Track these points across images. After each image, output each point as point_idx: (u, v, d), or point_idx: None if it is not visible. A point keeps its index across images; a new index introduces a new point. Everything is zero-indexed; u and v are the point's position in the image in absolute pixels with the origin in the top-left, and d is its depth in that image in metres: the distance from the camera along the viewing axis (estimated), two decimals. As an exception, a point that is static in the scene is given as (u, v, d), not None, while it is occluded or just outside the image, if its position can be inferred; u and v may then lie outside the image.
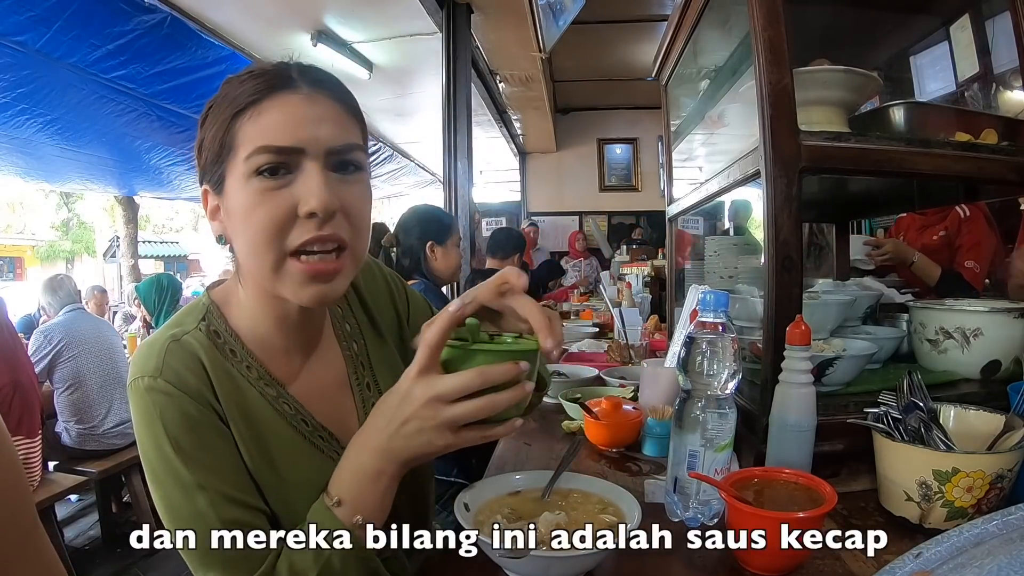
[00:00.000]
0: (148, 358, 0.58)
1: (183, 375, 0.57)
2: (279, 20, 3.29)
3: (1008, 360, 0.91)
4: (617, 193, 6.80)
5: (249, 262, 0.58)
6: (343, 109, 0.59)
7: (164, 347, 0.58)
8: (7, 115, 3.14)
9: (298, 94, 0.56)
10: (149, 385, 0.56)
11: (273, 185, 0.54)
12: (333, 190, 0.55)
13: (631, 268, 3.58)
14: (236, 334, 0.63)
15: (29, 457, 2.10)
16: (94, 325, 2.67)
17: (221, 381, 0.59)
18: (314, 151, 0.55)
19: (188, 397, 0.56)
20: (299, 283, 0.56)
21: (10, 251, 15.83)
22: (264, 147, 0.54)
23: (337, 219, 0.56)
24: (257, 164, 0.54)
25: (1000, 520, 0.42)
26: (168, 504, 0.56)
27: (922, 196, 1.43)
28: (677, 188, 1.57)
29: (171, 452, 0.54)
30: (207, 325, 0.62)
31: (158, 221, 18.13)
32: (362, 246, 0.60)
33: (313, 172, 0.54)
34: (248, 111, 0.55)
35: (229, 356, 0.61)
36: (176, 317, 0.64)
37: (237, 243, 0.58)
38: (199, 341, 0.60)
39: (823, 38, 1.21)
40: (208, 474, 0.55)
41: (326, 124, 0.56)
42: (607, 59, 5.00)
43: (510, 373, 0.51)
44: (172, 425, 0.55)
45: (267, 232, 0.54)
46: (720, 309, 0.68)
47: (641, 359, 1.66)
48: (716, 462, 0.67)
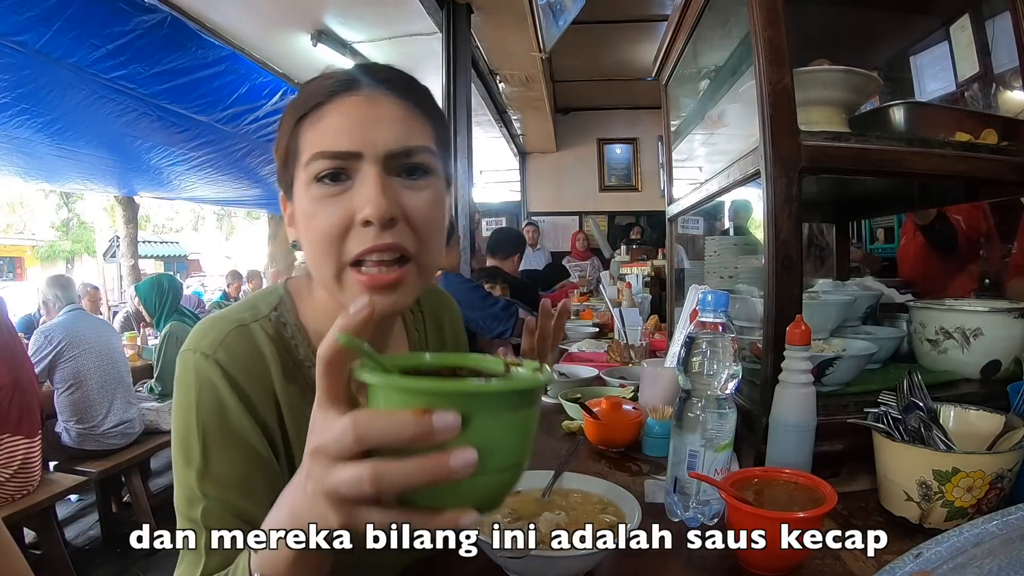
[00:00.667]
0: (208, 332, 0.57)
1: (235, 363, 0.56)
2: (279, 20, 3.29)
3: (1008, 360, 0.91)
4: (617, 193, 6.80)
5: (313, 269, 0.57)
6: (409, 109, 0.55)
7: (228, 330, 0.57)
8: (7, 115, 3.14)
9: (358, 96, 0.53)
10: (198, 362, 0.55)
11: (331, 192, 0.53)
12: (392, 196, 0.52)
13: (631, 268, 3.58)
14: (304, 329, 0.62)
15: (29, 457, 2.10)
16: (94, 325, 2.67)
17: (279, 374, 0.59)
18: (372, 154, 0.52)
19: (229, 387, 0.55)
20: (359, 294, 0.53)
21: (10, 251, 15.84)
22: (319, 152, 0.52)
23: (399, 227, 0.53)
24: (315, 171, 0.53)
25: (1000, 520, 0.42)
26: (176, 476, 0.57)
27: (922, 196, 1.43)
28: (677, 188, 1.57)
29: (195, 432, 0.55)
30: (278, 316, 0.61)
31: (158, 221, 18.13)
32: (430, 256, 0.56)
33: (370, 177, 0.52)
34: (310, 116, 0.54)
35: (293, 351, 0.61)
36: (251, 299, 0.63)
37: (304, 250, 0.57)
38: (266, 331, 0.59)
39: (823, 38, 1.21)
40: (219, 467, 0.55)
41: (385, 125, 0.53)
42: (607, 59, 5.00)
43: (401, 429, 0.30)
44: (204, 408, 0.55)
45: (325, 241, 0.53)
46: (720, 309, 0.68)
47: (641, 359, 1.66)
48: (716, 462, 0.67)
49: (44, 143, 3.64)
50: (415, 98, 0.56)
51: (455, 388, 0.32)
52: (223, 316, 0.60)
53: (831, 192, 1.34)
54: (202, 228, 19.64)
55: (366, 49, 3.67)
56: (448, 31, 3.13)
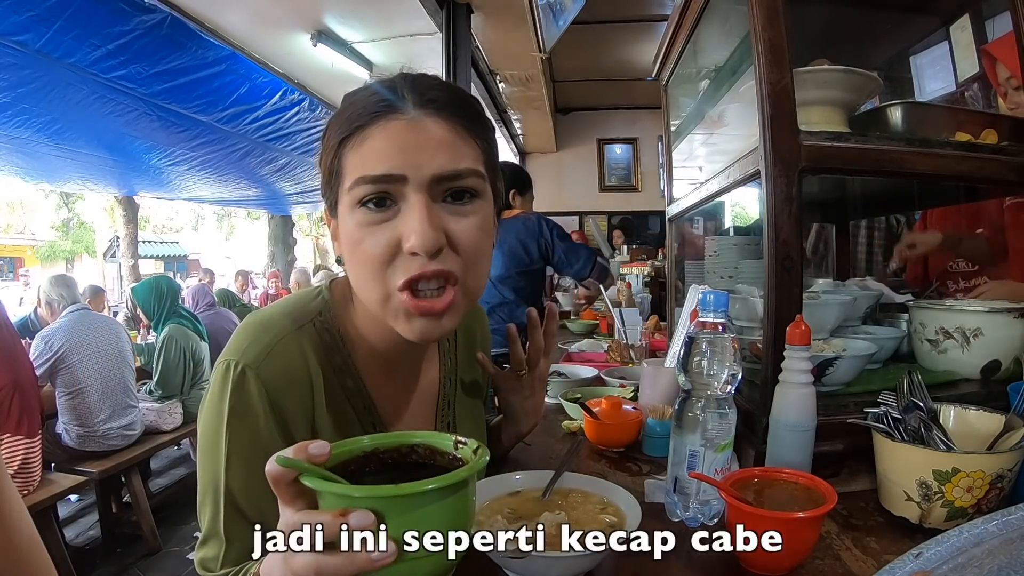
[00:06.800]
0: (255, 343, 0.56)
1: (276, 380, 0.55)
2: (279, 20, 3.29)
3: (1008, 360, 0.91)
4: (617, 193, 6.80)
5: (359, 291, 0.57)
6: (456, 130, 0.53)
7: (274, 342, 0.56)
8: (7, 115, 3.14)
9: (402, 118, 0.52)
10: (237, 378, 0.54)
11: (377, 218, 0.52)
12: (438, 225, 0.51)
13: (631, 268, 3.58)
14: (346, 339, 0.62)
15: (29, 457, 2.10)
16: (98, 326, 2.60)
17: (318, 386, 0.58)
18: (417, 179, 0.51)
19: (265, 406, 0.55)
20: (406, 318, 0.54)
21: (10, 251, 15.84)
22: (362, 178, 0.51)
23: (444, 253, 0.52)
24: (358, 196, 0.52)
25: (1000, 520, 0.42)
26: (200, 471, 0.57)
27: (922, 196, 1.43)
28: (677, 188, 1.58)
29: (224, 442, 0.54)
30: (322, 322, 0.61)
31: (158, 221, 18.14)
32: (476, 280, 0.56)
33: (416, 205, 0.51)
34: (354, 137, 0.52)
35: (333, 360, 0.60)
36: (298, 301, 0.63)
37: (349, 271, 0.57)
38: (311, 338, 0.59)
39: (823, 38, 1.21)
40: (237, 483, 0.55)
41: (430, 150, 0.51)
42: (607, 59, 5.00)
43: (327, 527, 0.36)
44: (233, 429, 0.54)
45: (372, 267, 0.53)
46: (720, 309, 0.68)
47: (641, 359, 1.66)
48: (716, 462, 0.67)
49: (44, 143, 3.65)
50: (464, 117, 0.54)
51: (369, 493, 0.37)
52: (270, 322, 0.58)
53: (831, 192, 1.34)
54: (202, 228, 19.64)
55: (366, 49, 3.67)
56: (448, 31, 3.13)
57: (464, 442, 0.45)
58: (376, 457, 0.45)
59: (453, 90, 0.56)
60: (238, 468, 0.54)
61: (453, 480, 0.38)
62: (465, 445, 0.44)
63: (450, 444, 0.45)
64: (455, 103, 0.54)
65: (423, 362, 0.69)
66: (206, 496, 0.56)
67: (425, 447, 0.46)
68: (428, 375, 0.71)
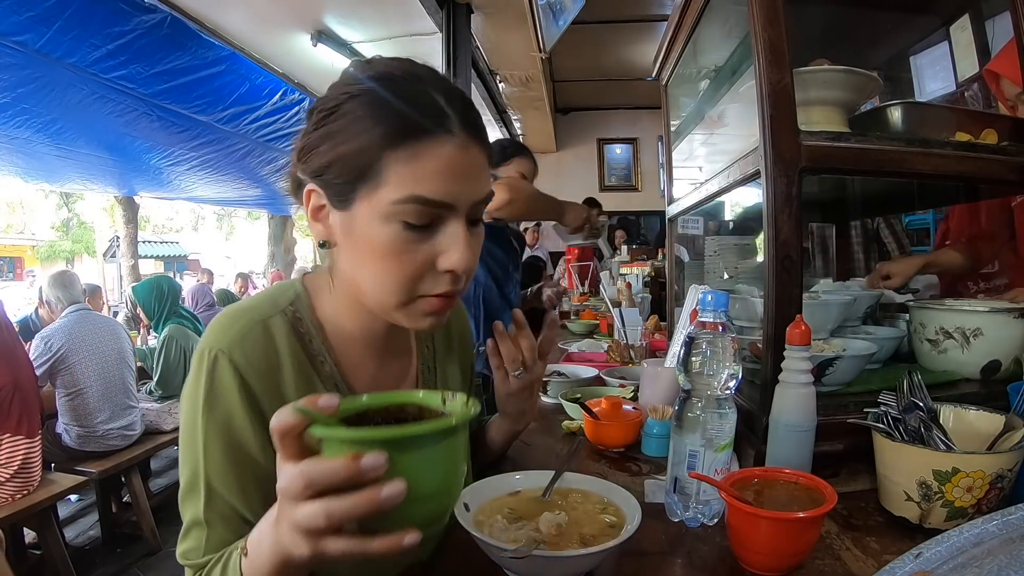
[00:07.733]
0: (227, 329, 0.58)
1: (251, 364, 0.57)
2: (279, 20, 3.29)
3: (1008, 360, 0.91)
4: (617, 193, 6.80)
5: (372, 295, 0.58)
6: (487, 157, 0.57)
7: (248, 326, 0.59)
8: (7, 115, 3.14)
9: (454, 141, 0.53)
10: (212, 364, 0.56)
11: (417, 237, 0.53)
12: (474, 249, 0.55)
13: (631, 268, 3.58)
14: (320, 326, 0.64)
15: (29, 457, 2.10)
16: (98, 327, 2.58)
17: (291, 371, 0.60)
18: (462, 206, 0.54)
19: (240, 391, 0.56)
20: (418, 317, 0.58)
21: (10, 251, 15.84)
22: (418, 197, 0.52)
23: None
24: (407, 212, 0.52)
25: (1000, 520, 0.42)
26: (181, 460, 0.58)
27: (922, 196, 1.43)
28: (677, 188, 1.57)
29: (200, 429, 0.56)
30: (294, 311, 0.63)
31: (158, 221, 18.15)
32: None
33: (458, 229, 0.54)
34: (402, 148, 0.51)
35: (307, 346, 0.62)
36: (271, 293, 0.65)
37: (358, 271, 0.57)
38: (284, 324, 0.61)
39: (823, 38, 1.22)
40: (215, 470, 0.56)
41: (473, 178, 0.55)
42: (607, 59, 5.00)
43: (337, 473, 0.37)
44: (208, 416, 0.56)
45: (402, 280, 0.55)
46: (720, 309, 0.68)
47: (641, 359, 1.66)
48: (716, 462, 0.67)
49: (44, 143, 3.64)
50: (487, 146, 0.57)
51: (377, 435, 0.39)
52: (243, 310, 0.61)
53: (832, 192, 1.34)
54: (202, 228, 19.65)
55: (366, 49, 3.67)
56: (448, 31, 3.13)
57: (452, 395, 0.47)
58: (368, 416, 0.46)
59: (479, 115, 0.58)
60: (215, 451, 0.56)
61: (450, 423, 0.41)
62: (454, 399, 0.47)
63: (438, 400, 0.48)
64: (484, 131, 0.57)
65: (399, 349, 0.71)
66: (188, 489, 0.57)
67: (414, 405, 0.48)
68: (404, 360, 0.73)
